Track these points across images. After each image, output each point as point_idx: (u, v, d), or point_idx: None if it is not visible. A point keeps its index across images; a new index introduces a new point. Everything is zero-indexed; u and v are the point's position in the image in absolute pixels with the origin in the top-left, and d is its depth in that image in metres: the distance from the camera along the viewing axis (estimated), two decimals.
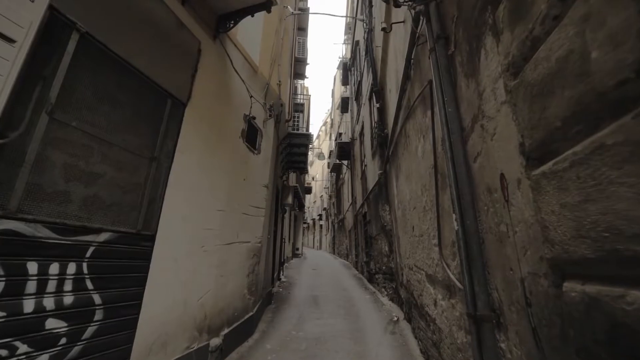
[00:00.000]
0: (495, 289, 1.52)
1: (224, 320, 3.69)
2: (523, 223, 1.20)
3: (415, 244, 3.83)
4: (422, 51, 2.81)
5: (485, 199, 1.60)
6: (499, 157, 1.41)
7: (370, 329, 4.82)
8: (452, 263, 2.25)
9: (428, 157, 2.78)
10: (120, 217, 2.51)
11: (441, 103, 1.99)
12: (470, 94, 1.74)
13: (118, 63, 2.46)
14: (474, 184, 1.76)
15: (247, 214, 4.43)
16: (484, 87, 1.53)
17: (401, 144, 4.45)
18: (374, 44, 7.12)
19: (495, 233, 1.51)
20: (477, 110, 1.64)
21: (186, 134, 3.14)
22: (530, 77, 1.05)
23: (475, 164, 1.72)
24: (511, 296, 1.34)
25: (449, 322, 2.44)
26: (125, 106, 2.56)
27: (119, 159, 2.53)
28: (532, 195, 1.10)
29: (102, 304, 2.25)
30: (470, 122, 1.75)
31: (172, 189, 2.93)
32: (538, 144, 1.03)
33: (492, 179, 1.50)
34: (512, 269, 1.32)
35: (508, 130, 1.28)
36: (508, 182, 1.31)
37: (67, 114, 2.11)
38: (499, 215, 1.45)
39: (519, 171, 1.20)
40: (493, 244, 1.55)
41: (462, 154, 1.82)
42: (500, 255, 1.47)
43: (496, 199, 1.47)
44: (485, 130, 1.54)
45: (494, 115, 1.43)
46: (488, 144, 1.52)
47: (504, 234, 1.39)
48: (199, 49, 3.38)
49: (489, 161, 1.53)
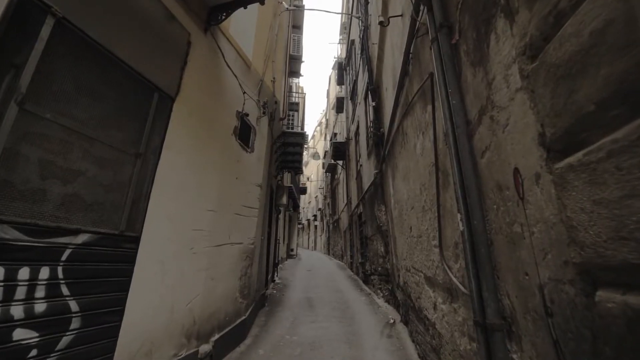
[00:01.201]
0: (506, 295, 1.40)
1: (214, 325, 3.53)
2: (542, 223, 1.08)
3: (413, 245, 3.71)
4: (421, 44, 2.69)
5: (495, 197, 1.48)
6: (512, 150, 1.29)
7: (366, 332, 4.70)
8: (454, 265, 2.13)
9: (428, 154, 2.66)
10: (103, 217, 2.35)
11: (444, 96, 1.87)
12: (477, 84, 1.62)
13: (100, 53, 2.30)
14: (480, 181, 1.63)
15: (240, 214, 4.28)
16: (493, 75, 1.41)
17: (398, 142, 4.33)
18: (369, 42, 7.01)
19: (507, 234, 1.39)
20: (485, 101, 1.52)
21: (174, 130, 2.98)
22: (553, 57, 0.93)
23: (482, 159, 1.60)
24: (526, 304, 1.22)
25: (450, 327, 2.32)
26: (108, 99, 2.40)
27: (102, 155, 2.37)
28: (554, 191, 0.98)
29: (80, 311, 2.08)
30: (477, 114, 1.63)
31: (158, 187, 2.77)
32: (563, 133, 0.91)
33: (504, 175, 1.38)
34: (528, 273, 1.20)
35: (524, 120, 1.16)
36: (523, 178, 1.19)
37: (40, 105, 1.94)
38: (512, 214, 1.33)
39: (538, 165, 1.08)
40: (504, 246, 1.43)
41: (468, 149, 1.69)
42: (512, 258, 1.35)
43: (508, 197, 1.35)
44: (495, 122, 1.42)
45: (506, 105, 1.31)
46: (499, 137, 1.40)
47: (518, 235, 1.27)
48: (189, 41, 3.22)
49: (499, 156, 1.42)
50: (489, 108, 1.48)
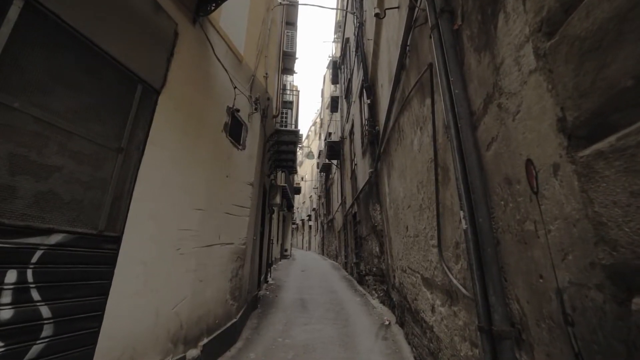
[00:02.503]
0: (516, 299, 1.28)
1: (202, 329, 3.37)
2: (562, 220, 0.96)
3: (410, 244, 3.60)
4: (420, 35, 2.57)
5: (503, 192, 1.37)
6: (524, 140, 1.17)
7: (361, 334, 4.58)
8: (454, 266, 2.01)
9: (426, 150, 2.54)
10: (81, 216, 2.19)
11: (445, 86, 1.76)
12: (482, 71, 1.50)
13: (77, 40, 2.14)
14: (486, 175, 1.52)
15: (230, 213, 4.12)
16: (502, 58, 1.29)
17: (394, 140, 4.22)
18: (365, 38, 6.90)
19: (517, 232, 1.27)
20: (491, 88, 1.41)
21: (159, 125, 2.82)
22: (577, 29, 0.82)
23: (488, 152, 1.49)
24: (540, 310, 1.11)
25: (449, 331, 2.20)
26: (87, 90, 2.25)
27: (80, 150, 2.21)
28: (577, 183, 0.86)
29: (53, 317, 1.92)
30: (482, 103, 1.51)
31: (142, 185, 2.61)
32: (589, 116, 0.80)
33: (513, 168, 1.26)
34: (543, 276, 1.08)
35: (539, 104, 1.04)
36: (538, 170, 1.08)
37: (8, 94, 1.78)
38: (523, 211, 1.22)
39: (557, 154, 0.96)
40: (513, 246, 1.31)
41: (472, 142, 1.58)
42: (523, 259, 1.23)
43: (519, 192, 1.24)
44: (503, 110, 1.31)
45: (517, 90, 1.19)
46: (508, 126, 1.28)
47: (531, 233, 1.16)
48: (176, 32, 3.06)
49: (508, 147, 1.30)
50: (496, 95, 1.36)
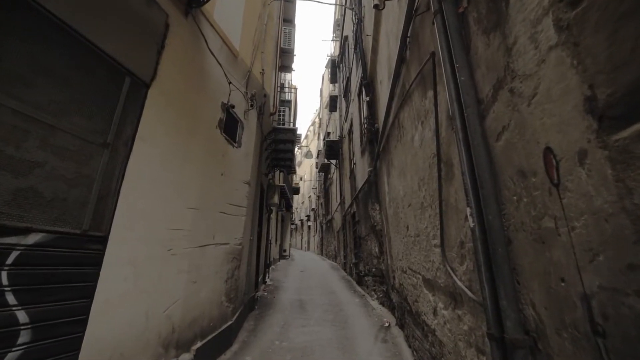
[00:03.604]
0: (530, 304, 1.17)
1: (196, 332, 3.25)
2: (590, 214, 0.84)
3: (410, 244, 3.48)
4: (421, 24, 2.46)
5: (516, 186, 1.25)
6: (541, 126, 1.06)
7: (360, 336, 4.47)
8: (459, 267, 1.89)
9: (428, 145, 2.43)
10: (65, 215, 2.07)
11: (449, 74, 1.64)
12: (491, 55, 1.38)
13: (60, 29, 2.03)
14: (495, 168, 1.41)
15: (226, 212, 4.00)
16: (514, 38, 1.18)
17: (394, 137, 4.10)
18: (363, 35, 6.79)
19: (533, 230, 1.16)
20: (502, 72, 1.29)
21: (149, 120, 2.70)
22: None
23: (498, 142, 1.37)
24: (561, 317, 0.99)
25: (453, 335, 2.09)
26: (70, 83, 2.13)
27: (64, 145, 2.09)
28: (611, 171, 0.75)
29: (30, 322, 1.80)
30: (491, 90, 1.39)
31: (130, 182, 2.49)
32: (627, 92, 0.69)
33: (528, 159, 1.14)
34: (565, 280, 0.96)
35: (561, 84, 0.93)
36: (559, 159, 0.96)
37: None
38: (540, 206, 1.10)
39: (584, 139, 0.85)
40: (528, 245, 1.20)
41: (480, 132, 1.46)
42: (540, 260, 1.12)
43: (535, 185, 1.12)
44: (516, 95, 1.19)
45: (533, 71, 1.07)
46: (522, 112, 1.17)
47: (550, 231, 1.04)
48: (167, 23, 2.94)
49: (522, 135, 1.19)
50: (508, 80, 1.24)
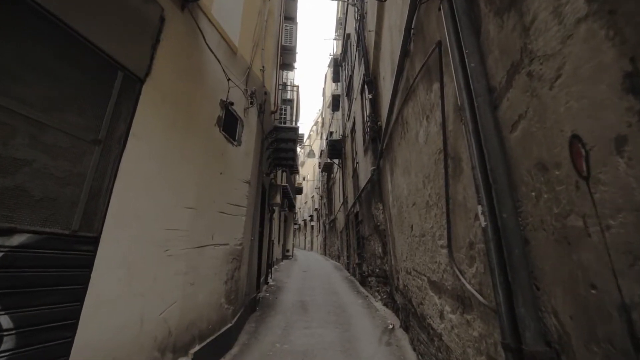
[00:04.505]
0: (552, 312, 1.05)
1: (194, 335, 3.16)
2: (630, 211, 0.72)
3: (415, 245, 3.36)
4: (425, 13, 2.35)
5: (534, 180, 1.14)
6: (567, 111, 0.94)
7: (364, 339, 4.36)
8: (468, 270, 1.78)
9: (434, 140, 2.31)
10: (55, 215, 1.99)
11: (457, 61, 1.53)
12: (505, 37, 1.27)
13: (49, 21, 1.94)
14: (510, 162, 1.29)
15: (225, 212, 3.91)
16: (533, 15, 1.06)
17: (397, 134, 3.99)
18: (366, 31, 6.67)
19: (555, 230, 1.04)
20: (518, 54, 1.18)
21: (144, 116, 2.61)
22: None
23: (513, 133, 1.25)
24: (592, 329, 0.87)
25: (461, 341, 1.97)
26: (60, 77, 2.05)
27: (55, 142, 2.01)
28: None
29: (15, 327, 1.71)
30: (505, 75, 1.28)
31: (124, 181, 2.41)
32: None
33: (550, 149, 1.03)
34: (597, 286, 0.85)
35: (593, 61, 0.81)
36: (590, 148, 0.84)
37: None
38: (565, 202, 0.98)
39: (623, 123, 0.73)
40: (549, 247, 1.08)
41: (492, 123, 1.34)
42: (564, 263, 1.00)
43: (558, 179, 1.01)
44: (535, 79, 1.07)
45: (556, 50, 0.96)
46: (542, 98, 1.05)
47: (577, 230, 0.93)
48: (162, 17, 2.85)
49: (543, 123, 1.07)
50: (525, 63, 1.13)
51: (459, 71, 1.52)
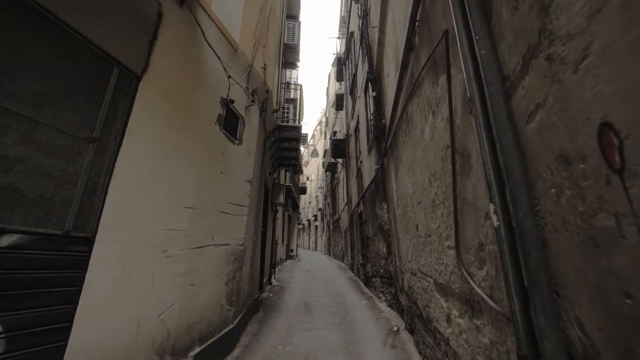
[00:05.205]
0: (576, 323, 0.94)
1: (194, 337, 3.09)
2: None
3: (420, 245, 3.26)
4: (431, 4, 2.24)
5: (555, 175, 1.03)
6: (595, 96, 0.84)
7: (368, 341, 4.26)
8: (477, 272, 1.68)
9: (440, 136, 2.21)
10: (47, 214, 1.93)
11: (467, 49, 1.43)
12: (520, 19, 1.16)
13: (37, 13, 1.88)
14: (526, 156, 1.18)
15: (226, 212, 3.84)
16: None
17: (402, 131, 3.88)
18: (369, 28, 6.57)
19: (580, 230, 0.93)
20: (536, 36, 1.07)
21: (141, 114, 2.55)
22: None
23: (529, 124, 1.14)
24: (627, 344, 0.75)
25: (470, 348, 1.87)
26: (53, 74, 2.00)
27: (48, 140, 1.95)
28: None
29: (4, 331, 1.66)
30: (521, 61, 1.17)
31: (120, 180, 2.34)
32: None
33: (574, 140, 0.93)
34: (632, 294, 0.73)
35: (629, 34, 0.69)
36: (625, 136, 0.74)
37: None
38: (593, 199, 0.88)
39: None
40: (573, 249, 0.97)
41: (506, 114, 1.24)
42: (591, 268, 0.89)
43: (585, 172, 0.91)
44: (556, 62, 0.97)
45: (582, 27, 0.85)
46: (565, 83, 0.95)
47: (608, 231, 0.82)
48: (159, 12, 2.78)
49: (566, 111, 0.96)
50: (544, 45, 1.02)
51: (468, 60, 1.41)
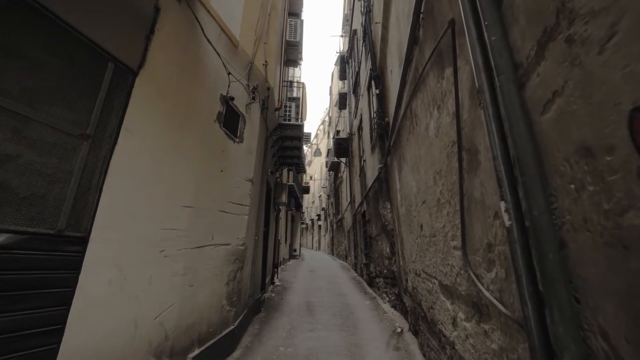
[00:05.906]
0: (600, 333, 0.85)
1: (193, 339, 3.03)
2: None
3: (425, 245, 3.17)
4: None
5: (574, 170, 0.94)
6: (624, 78, 0.74)
7: (371, 342, 4.18)
8: (486, 274, 1.59)
9: (446, 132, 2.12)
10: (39, 214, 1.87)
11: (475, 38, 1.34)
12: (533, 1, 1.07)
13: (28, 6, 1.83)
14: (540, 149, 1.09)
15: (226, 211, 3.77)
16: None
17: (406, 129, 3.79)
18: (372, 25, 6.47)
19: (605, 231, 0.84)
20: (554, 17, 0.98)
21: (137, 110, 2.49)
22: None
23: (545, 115, 1.05)
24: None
25: (477, 353, 1.78)
26: (45, 68, 1.94)
27: (40, 137, 1.90)
28: None
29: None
30: (535, 46, 1.08)
31: (116, 178, 2.28)
32: None
33: (599, 129, 0.84)
34: None
35: None
36: None
37: None
38: (620, 195, 0.79)
39: None
40: (595, 251, 0.88)
41: (519, 104, 1.14)
42: (619, 272, 0.80)
43: (611, 166, 0.81)
44: (579, 43, 0.87)
45: (607, 3, 0.75)
46: (588, 66, 0.86)
47: (637, 230, 0.74)
48: (157, 7, 2.72)
49: (588, 97, 0.87)
50: (563, 26, 0.93)
51: (476, 48, 1.32)
